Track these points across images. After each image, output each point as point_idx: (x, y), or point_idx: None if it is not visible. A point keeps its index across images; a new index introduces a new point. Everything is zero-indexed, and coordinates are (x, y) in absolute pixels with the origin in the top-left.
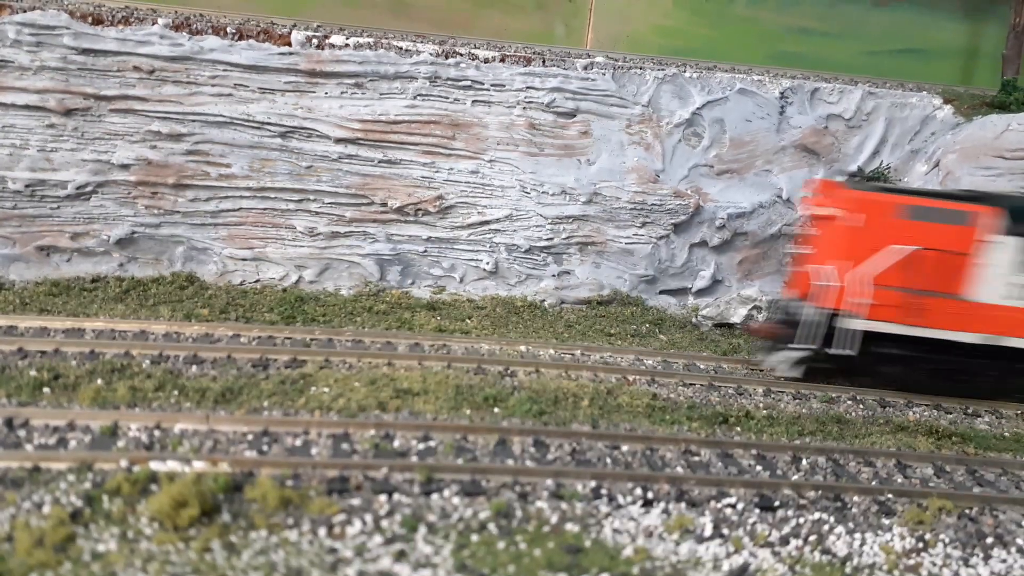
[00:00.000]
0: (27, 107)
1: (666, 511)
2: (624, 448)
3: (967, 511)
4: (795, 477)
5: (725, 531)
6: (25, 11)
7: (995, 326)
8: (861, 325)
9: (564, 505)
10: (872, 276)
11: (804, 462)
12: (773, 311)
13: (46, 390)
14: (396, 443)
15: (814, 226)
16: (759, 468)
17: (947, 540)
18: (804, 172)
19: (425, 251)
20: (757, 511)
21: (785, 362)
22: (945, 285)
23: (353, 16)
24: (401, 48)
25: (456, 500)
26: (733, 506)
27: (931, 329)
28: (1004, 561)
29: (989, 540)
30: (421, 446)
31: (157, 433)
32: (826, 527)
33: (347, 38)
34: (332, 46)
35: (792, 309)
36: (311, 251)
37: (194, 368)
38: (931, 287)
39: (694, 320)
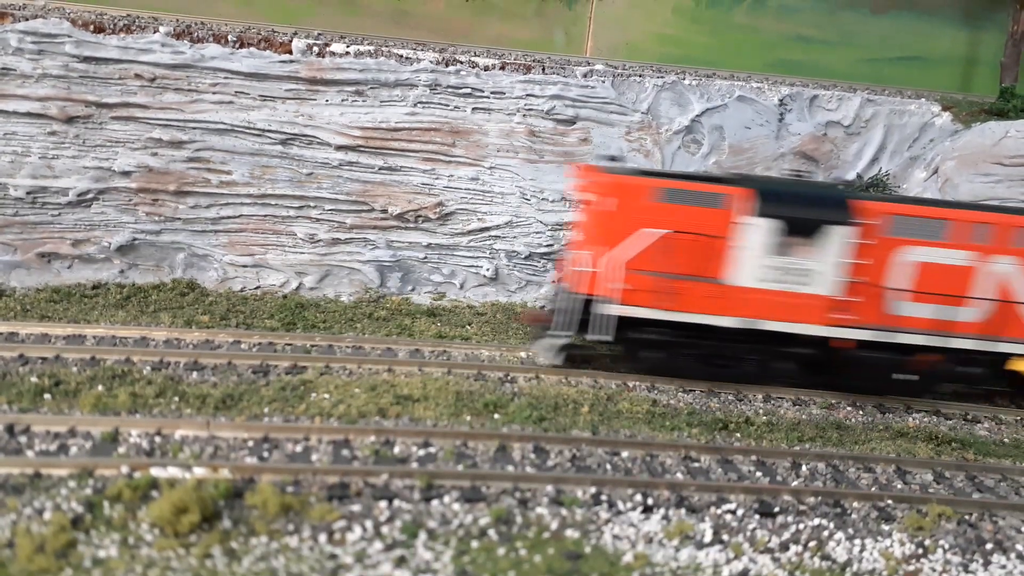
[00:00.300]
0: (29, 114)
1: (666, 517)
2: (624, 454)
3: (967, 517)
4: (795, 483)
5: (725, 537)
6: (27, 19)
7: (752, 309)
8: (616, 311)
9: (564, 511)
10: (624, 260)
11: (804, 468)
12: (547, 298)
13: (47, 396)
14: (396, 449)
15: (578, 212)
16: (759, 474)
17: (947, 546)
18: None
19: (425, 257)
20: (757, 517)
21: (549, 349)
22: (701, 268)
23: (354, 24)
24: (401, 56)
25: (456, 506)
26: (733, 512)
27: (688, 314)
28: (1004, 567)
29: (989, 546)
30: (421, 452)
31: (158, 439)
32: (826, 533)
33: (348, 46)
34: (333, 54)
35: (557, 295)
36: (311, 257)
37: (195, 374)
38: (687, 271)
39: None
